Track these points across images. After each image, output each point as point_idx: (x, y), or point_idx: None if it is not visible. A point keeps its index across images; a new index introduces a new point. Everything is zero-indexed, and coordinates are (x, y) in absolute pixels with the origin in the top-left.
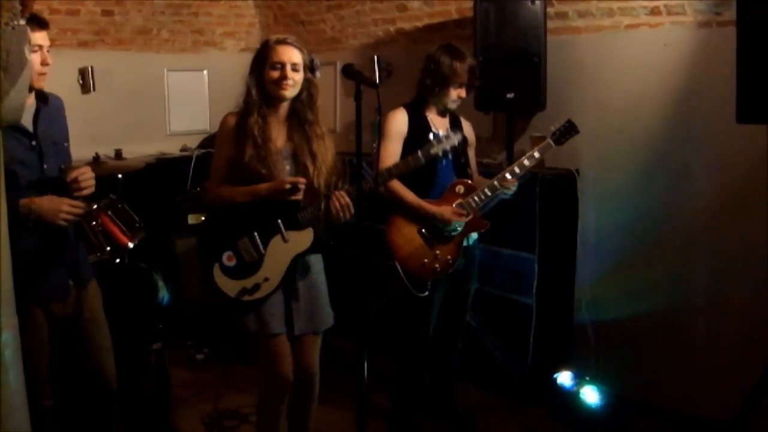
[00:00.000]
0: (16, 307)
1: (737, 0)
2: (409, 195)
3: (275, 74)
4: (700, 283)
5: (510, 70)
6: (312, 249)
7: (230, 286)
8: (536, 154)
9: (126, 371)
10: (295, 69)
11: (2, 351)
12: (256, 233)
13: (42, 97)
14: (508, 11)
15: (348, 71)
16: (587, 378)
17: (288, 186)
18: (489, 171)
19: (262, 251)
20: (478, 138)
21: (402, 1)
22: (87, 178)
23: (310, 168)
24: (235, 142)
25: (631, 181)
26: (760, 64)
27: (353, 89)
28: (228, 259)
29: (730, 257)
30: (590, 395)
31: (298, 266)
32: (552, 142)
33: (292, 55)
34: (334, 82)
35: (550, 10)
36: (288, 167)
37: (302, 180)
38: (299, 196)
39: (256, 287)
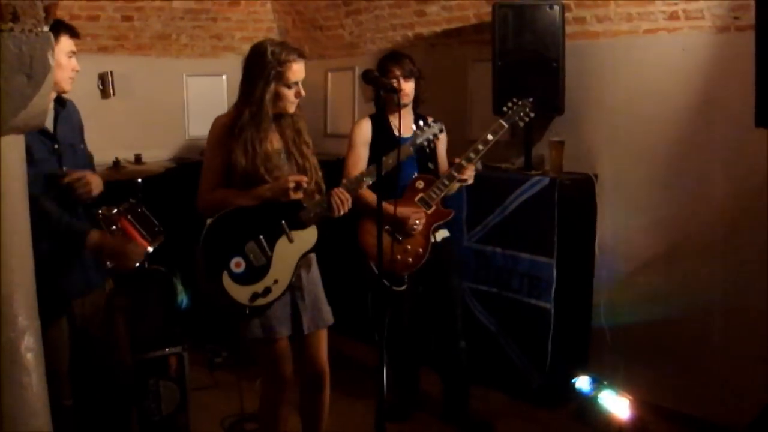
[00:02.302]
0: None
1: (756, 4)
2: (371, 197)
3: (290, 93)
4: (719, 288)
5: (528, 75)
6: (318, 246)
7: (241, 293)
8: (489, 137)
9: (145, 375)
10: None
11: (24, 354)
12: (261, 236)
13: (60, 101)
14: (527, 16)
15: (368, 77)
16: (605, 382)
17: (292, 184)
18: (507, 176)
19: (270, 254)
20: (496, 142)
21: (420, 6)
22: (84, 183)
23: (306, 164)
24: (233, 147)
25: (650, 185)
26: None
27: (371, 94)
28: (236, 265)
29: (749, 261)
30: (608, 399)
31: (302, 265)
32: (504, 123)
33: (303, 71)
34: (352, 87)
35: (568, 14)
36: (286, 166)
37: (305, 178)
38: (301, 194)
39: (267, 290)
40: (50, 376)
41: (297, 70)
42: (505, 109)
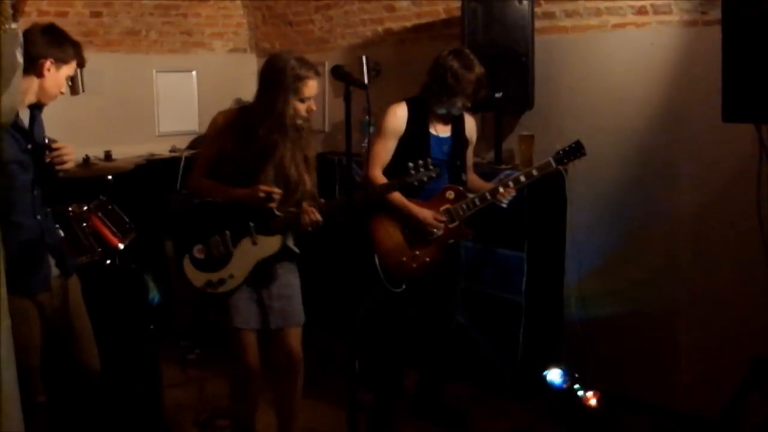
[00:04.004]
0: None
1: None
2: (395, 193)
3: (302, 108)
4: (688, 281)
5: (498, 70)
6: (278, 256)
7: (197, 277)
8: (534, 172)
9: (118, 372)
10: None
11: None
12: (228, 232)
13: (39, 106)
14: (496, 11)
15: (337, 73)
16: (577, 375)
17: (262, 195)
18: (477, 170)
19: (231, 249)
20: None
21: (390, 1)
22: (67, 152)
23: (295, 178)
24: (232, 142)
25: (619, 179)
26: (745, 63)
27: (342, 89)
28: (198, 251)
29: (717, 255)
30: (580, 392)
31: (270, 267)
32: (553, 162)
33: (317, 87)
34: (322, 83)
35: (537, 9)
36: (271, 173)
37: (277, 190)
38: (273, 204)
39: (221, 282)
40: (22, 373)
41: (312, 86)
42: (558, 147)
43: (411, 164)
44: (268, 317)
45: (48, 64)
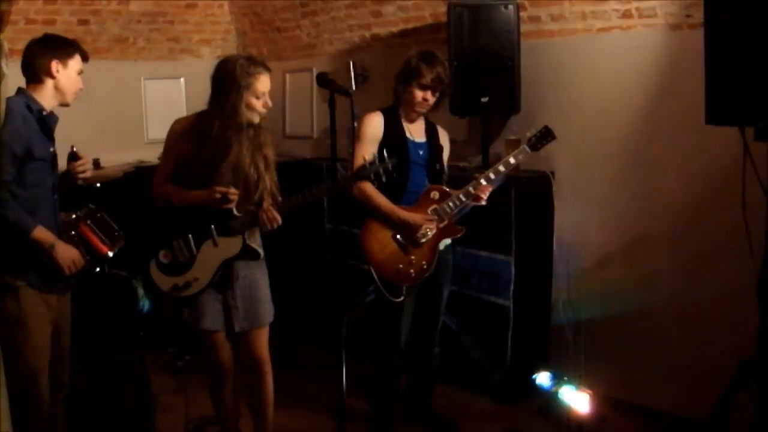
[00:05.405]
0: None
1: (705, 2)
2: (381, 200)
3: (258, 104)
4: (675, 282)
5: (484, 74)
6: (240, 255)
7: (164, 281)
8: (511, 160)
9: (107, 379)
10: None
11: None
12: (190, 235)
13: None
14: (482, 16)
15: (322, 80)
16: (565, 378)
17: (218, 196)
18: (465, 174)
19: (195, 252)
20: (453, 141)
21: (377, 6)
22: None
23: (255, 177)
24: (190, 147)
25: (606, 182)
26: (728, 66)
27: (329, 95)
28: (164, 256)
29: (704, 256)
30: (569, 394)
31: (234, 268)
32: (528, 148)
33: (269, 83)
34: (310, 88)
35: (523, 14)
36: (229, 174)
37: (233, 191)
38: (231, 205)
39: (187, 285)
40: (31, 374)
41: (265, 82)
42: (528, 134)
43: (365, 157)
44: (233, 319)
45: (54, 64)
